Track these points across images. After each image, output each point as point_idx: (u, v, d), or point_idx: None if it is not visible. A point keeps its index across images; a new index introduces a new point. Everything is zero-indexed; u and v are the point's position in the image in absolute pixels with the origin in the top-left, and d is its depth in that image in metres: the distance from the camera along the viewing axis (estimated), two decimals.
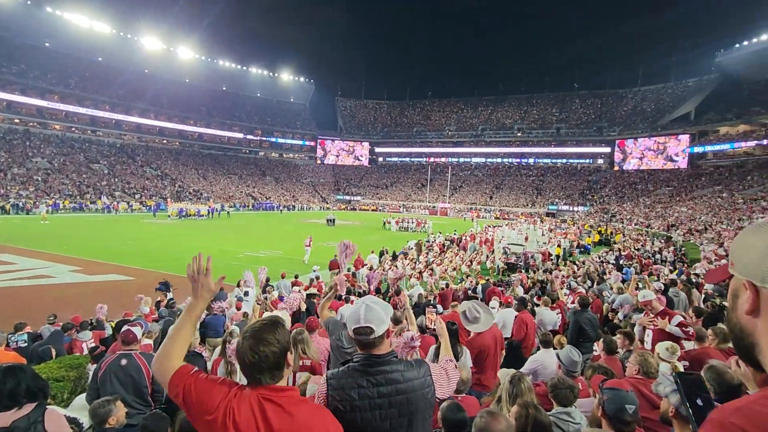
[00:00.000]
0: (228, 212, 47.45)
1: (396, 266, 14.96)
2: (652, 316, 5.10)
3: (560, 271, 14.55)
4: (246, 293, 9.39)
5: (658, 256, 19.74)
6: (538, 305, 7.65)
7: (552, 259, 20.90)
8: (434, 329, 3.42)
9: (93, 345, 6.00)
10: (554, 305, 7.61)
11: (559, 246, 23.48)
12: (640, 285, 8.84)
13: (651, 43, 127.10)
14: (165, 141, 70.72)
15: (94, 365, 4.20)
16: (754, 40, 52.55)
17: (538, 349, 4.86)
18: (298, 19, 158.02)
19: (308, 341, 3.81)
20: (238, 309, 7.87)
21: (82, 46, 63.60)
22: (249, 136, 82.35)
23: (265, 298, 8.43)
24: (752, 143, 49.52)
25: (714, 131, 56.18)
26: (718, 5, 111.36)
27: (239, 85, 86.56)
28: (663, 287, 7.87)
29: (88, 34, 63.59)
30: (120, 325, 5.16)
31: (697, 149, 56.71)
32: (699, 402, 1.01)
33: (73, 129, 58.62)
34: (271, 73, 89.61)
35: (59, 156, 50.35)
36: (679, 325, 4.77)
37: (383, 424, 1.76)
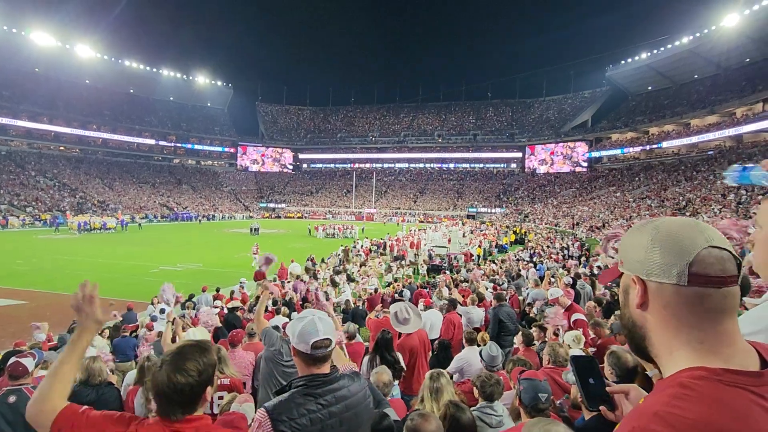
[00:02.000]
0: (140, 224, 43.90)
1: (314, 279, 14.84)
2: (559, 319, 5.55)
3: (481, 269, 15.34)
4: (162, 311, 8.74)
5: (566, 251, 21.58)
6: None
7: (473, 259, 21.96)
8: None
9: None
10: (481, 303, 7.99)
11: (479, 246, 24.75)
12: (553, 280, 9.58)
13: (553, 57, 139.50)
14: (62, 147, 63.74)
15: None
16: (636, 57, 59.72)
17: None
18: (213, 20, 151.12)
19: (226, 359, 3.66)
20: (150, 330, 7.30)
21: None
22: (162, 143, 76.80)
23: (183, 316, 7.91)
24: (638, 148, 56.05)
25: (607, 138, 62.84)
26: (607, 26, 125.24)
27: (150, 89, 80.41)
28: (572, 281, 8.61)
29: None
30: (7, 356, 4.51)
31: (595, 154, 63.02)
32: (591, 381, 1.12)
33: None
34: (185, 76, 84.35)
35: None
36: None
37: None
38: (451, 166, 79.88)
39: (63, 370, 1.42)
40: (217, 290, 11.53)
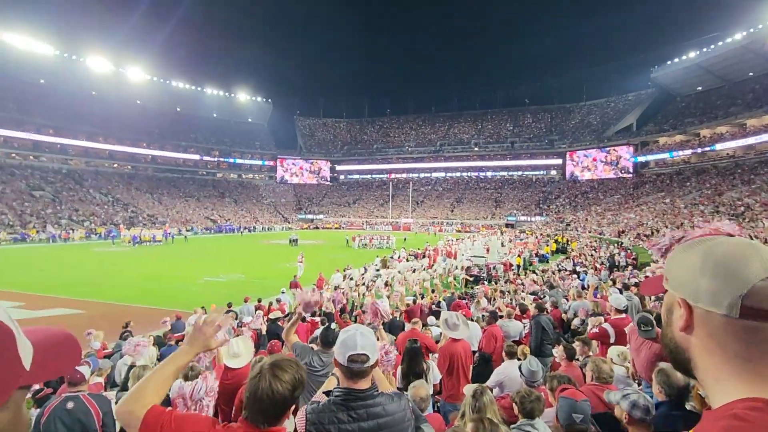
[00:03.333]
0: (185, 236, 45.80)
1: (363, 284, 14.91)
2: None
3: (521, 280, 14.96)
4: None
5: (612, 261, 20.69)
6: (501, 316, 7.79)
7: (513, 269, 21.45)
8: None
9: (37, 387, 5.58)
10: (524, 315, 7.79)
11: (519, 256, 24.17)
12: (601, 291, 9.20)
13: (593, 60, 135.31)
14: (116, 165, 67.76)
15: (37, 410, 3.90)
16: (684, 56, 57.02)
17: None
18: (254, 39, 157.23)
19: None
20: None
21: (23, 67, 60.31)
22: (206, 158, 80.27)
23: (238, 325, 8.15)
24: (688, 152, 53.23)
25: (654, 141, 60.08)
26: (649, 25, 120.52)
27: (194, 106, 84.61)
28: (619, 292, 8.24)
29: (29, 55, 60.48)
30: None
31: (641, 159, 60.33)
32: None
33: (12, 155, 55.15)
34: (227, 94, 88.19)
35: None
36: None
37: None
38: (489, 174, 78.74)
39: (157, 379, 1.45)
40: (259, 301, 11.81)
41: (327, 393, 1.87)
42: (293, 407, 1.49)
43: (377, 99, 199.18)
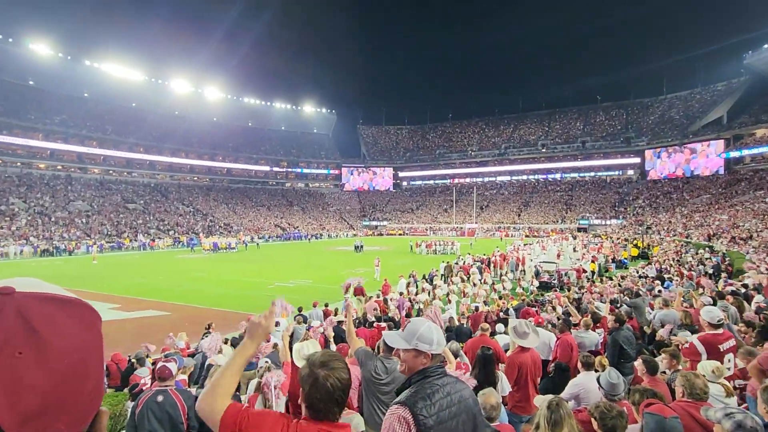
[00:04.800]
0: (258, 244, 48.32)
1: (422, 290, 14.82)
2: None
3: (596, 287, 14.06)
4: (276, 323, 9.42)
5: (700, 267, 18.84)
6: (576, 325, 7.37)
7: (587, 276, 20.24)
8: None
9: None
10: (598, 325, 7.32)
11: (593, 261, 22.77)
12: (689, 299, 8.41)
13: (674, 51, 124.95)
14: (196, 178, 73.37)
15: (132, 402, 4.27)
16: None
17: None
18: (318, 54, 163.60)
19: None
20: (267, 341, 7.88)
21: (117, 93, 67.65)
22: (275, 169, 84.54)
23: (307, 328, 8.43)
24: None
25: (750, 134, 54.07)
26: (740, 8, 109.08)
27: (264, 120, 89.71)
28: (711, 301, 7.47)
29: (123, 82, 67.63)
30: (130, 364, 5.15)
31: (734, 154, 54.49)
32: None
33: (110, 172, 61.76)
34: (294, 107, 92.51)
35: (98, 198, 52.85)
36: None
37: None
38: (558, 176, 75.23)
39: (229, 373, 1.54)
40: (326, 305, 12.12)
41: (404, 385, 1.95)
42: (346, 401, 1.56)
43: (439, 104, 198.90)
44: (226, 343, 8.19)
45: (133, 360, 6.94)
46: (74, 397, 0.44)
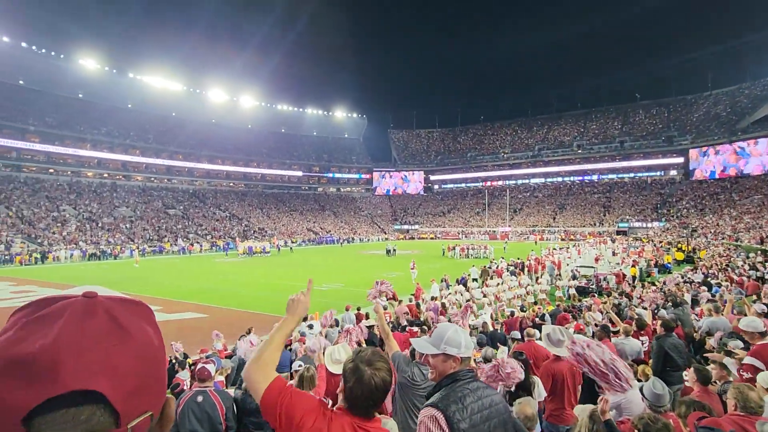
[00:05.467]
0: (291, 248, 49.16)
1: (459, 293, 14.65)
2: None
3: (638, 292, 13.50)
4: (310, 326, 9.53)
5: (753, 272, 17.77)
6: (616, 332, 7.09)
7: (627, 281, 19.46)
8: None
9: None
10: (642, 332, 7.02)
11: (634, 266, 21.89)
12: (739, 306, 7.94)
13: (719, 42, 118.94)
14: (231, 184, 75.52)
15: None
16: None
17: None
18: (348, 60, 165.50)
19: None
20: (303, 344, 7.97)
21: (158, 103, 70.82)
22: (307, 174, 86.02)
23: (340, 332, 8.48)
24: None
25: None
26: None
27: (296, 126, 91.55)
28: (766, 309, 7.02)
29: (163, 92, 70.69)
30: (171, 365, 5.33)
31: None
32: None
33: (152, 179, 64.51)
34: (325, 112, 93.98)
35: (141, 204, 55.25)
36: None
37: None
38: (595, 177, 72.94)
39: (273, 345, 1.63)
40: (358, 309, 12.18)
41: (435, 388, 1.96)
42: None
43: (470, 107, 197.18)
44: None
45: (174, 361, 7.18)
46: (155, 380, 0.53)
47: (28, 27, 67.37)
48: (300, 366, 5.26)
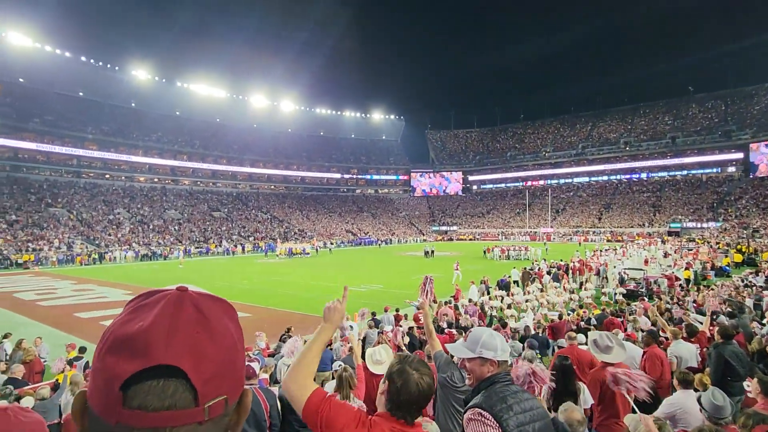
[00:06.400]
0: (330, 249, 49.86)
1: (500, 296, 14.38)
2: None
3: (690, 297, 12.75)
4: (351, 326, 9.61)
5: None
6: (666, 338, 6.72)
7: (681, 284, 18.42)
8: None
9: None
10: (693, 339, 6.62)
11: (687, 268, 20.70)
12: None
13: None
14: (272, 186, 77.56)
15: None
16: None
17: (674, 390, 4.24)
18: (385, 62, 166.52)
19: None
20: (344, 344, 8.06)
21: (204, 110, 73.87)
22: (346, 176, 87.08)
23: (379, 333, 8.54)
24: None
25: None
26: None
27: (335, 129, 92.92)
28: None
29: (208, 99, 73.62)
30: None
31: None
32: None
33: (198, 183, 67.33)
34: (363, 114, 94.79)
35: (188, 207, 57.76)
36: None
37: None
38: (644, 176, 69.62)
39: (310, 354, 1.66)
40: (397, 310, 12.18)
41: (476, 391, 1.95)
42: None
43: (509, 105, 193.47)
44: (305, 344, 8.47)
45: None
46: (231, 368, 0.58)
47: (87, 42, 72.17)
48: (339, 366, 5.32)
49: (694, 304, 11.48)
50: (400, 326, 9.56)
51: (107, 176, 57.91)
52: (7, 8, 53.66)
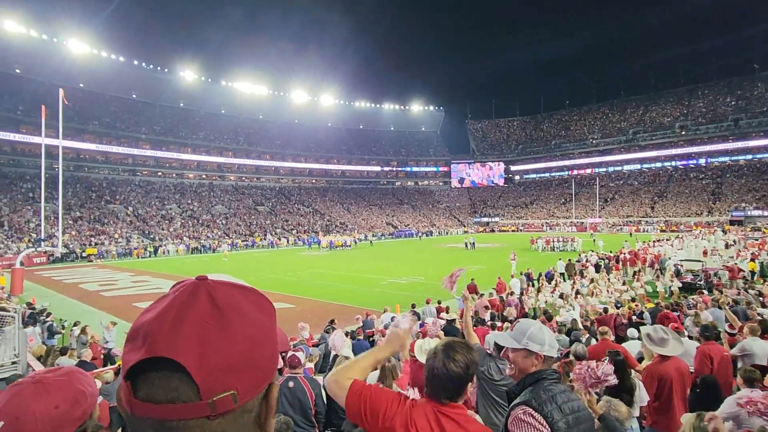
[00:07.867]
0: (371, 241, 50.23)
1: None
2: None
3: (758, 290, 11.85)
4: (392, 318, 9.65)
5: None
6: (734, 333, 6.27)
7: (744, 276, 17.16)
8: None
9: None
10: (765, 336, 6.14)
11: (753, 260, 19.26)
12: None
13: None
14: (314, 180, 78.97)
15: None
16: None
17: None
18: (424, 54, 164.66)
19: None
20: (383, 336, 8.08)
21: (247, 108, 76.01)
22: (386, 168, 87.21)
23: (421, 325, 8.52)
24: None
25: None
26: None
27: (374, 122, 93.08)
28: None
29: (251, 97, 75.61)
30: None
31: None
32: None
33: (243, 178, 69.59)
34: (402, 107, 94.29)
35: (234, 202, 59.90)
36: None
37: None
38: (702, 161, 65.29)
39: (361, 365, 1.70)
40: (438, 303, 12.10)
41: (522, 387, 1.89)
42: (468, 386, 1.58)
43: (553, 92, 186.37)
44: (346, 336, 8.61)
45: None
46: (247, 361, 0.54)
47: (138, 46, 75.63)
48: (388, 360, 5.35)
49: (761, 297, 10.68)
50: (442, 318, 9.49)
51: (159, 174, 61.00)
52: (67, 18, 57.28)
